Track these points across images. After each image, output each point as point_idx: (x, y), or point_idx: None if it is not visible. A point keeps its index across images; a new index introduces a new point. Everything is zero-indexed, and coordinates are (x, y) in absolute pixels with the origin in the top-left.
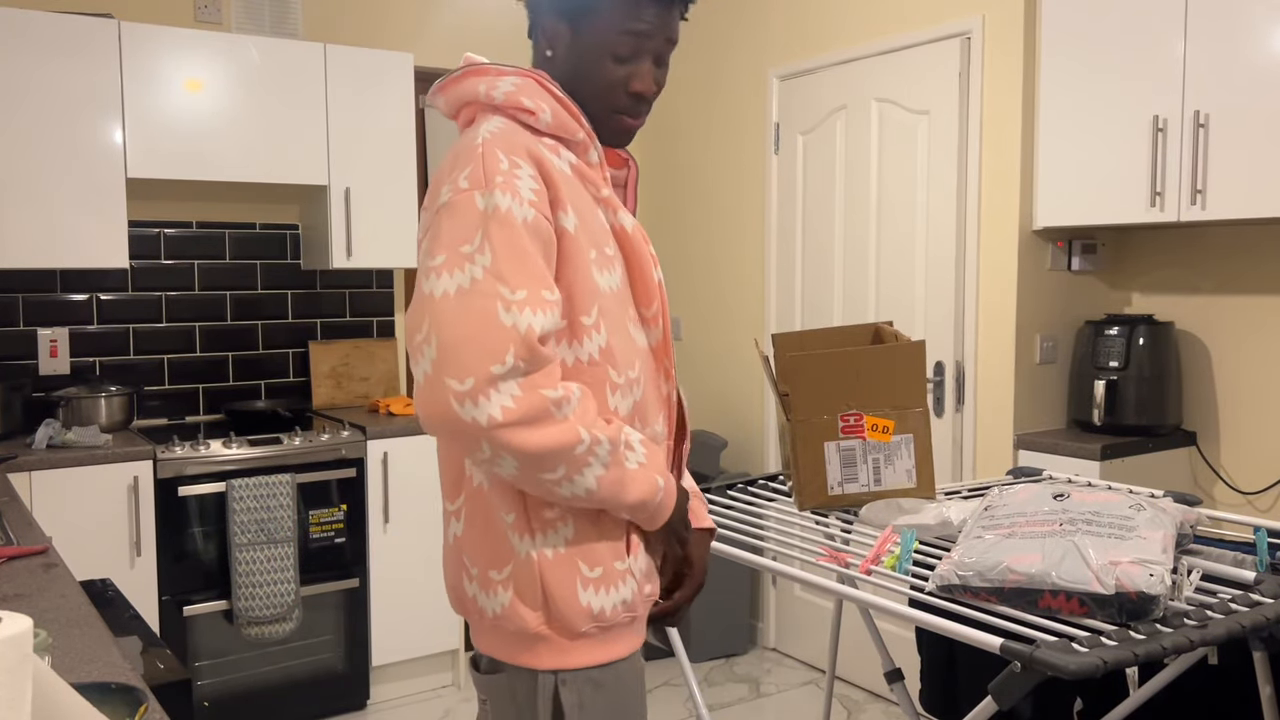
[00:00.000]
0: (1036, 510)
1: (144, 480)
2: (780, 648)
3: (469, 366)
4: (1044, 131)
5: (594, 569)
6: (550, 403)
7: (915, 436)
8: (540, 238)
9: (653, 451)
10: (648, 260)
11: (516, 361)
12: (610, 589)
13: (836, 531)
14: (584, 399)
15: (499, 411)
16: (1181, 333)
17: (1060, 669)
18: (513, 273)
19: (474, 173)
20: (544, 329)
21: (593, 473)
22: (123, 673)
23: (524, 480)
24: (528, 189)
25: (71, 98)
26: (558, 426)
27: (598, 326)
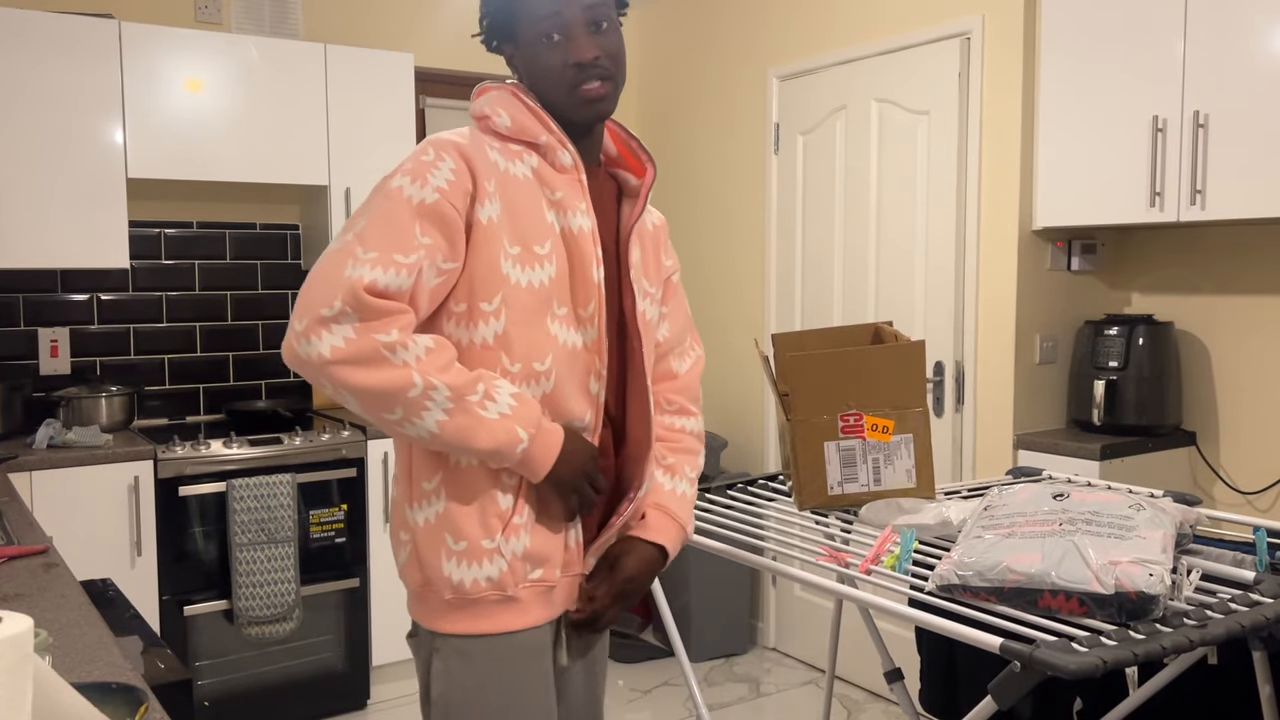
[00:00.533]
0: (1036, 510)
1: (144, 480)
2: (780, 648)
3: (306, 309)
4: (1044, 131)
5: (459, 543)
6: (382, 345)
7: (915, 436)
8: (435, 217)
9: (525, 405)
10: (590, 263)
11: (345, 307)
12: (473, 564)
13: (836, 531)
14: (436, 350)
15: (328, 350)
16: (1181, 333)
17: (1060, 669)
18: (374, 237)
19: (401, 164)
20: (383, 284)
21: (432, 417)
22: (123, 672)
23: (371, 418)
24: (441, 178)
25: (72, 98)
26: (390, 370)
27: (498, 314)
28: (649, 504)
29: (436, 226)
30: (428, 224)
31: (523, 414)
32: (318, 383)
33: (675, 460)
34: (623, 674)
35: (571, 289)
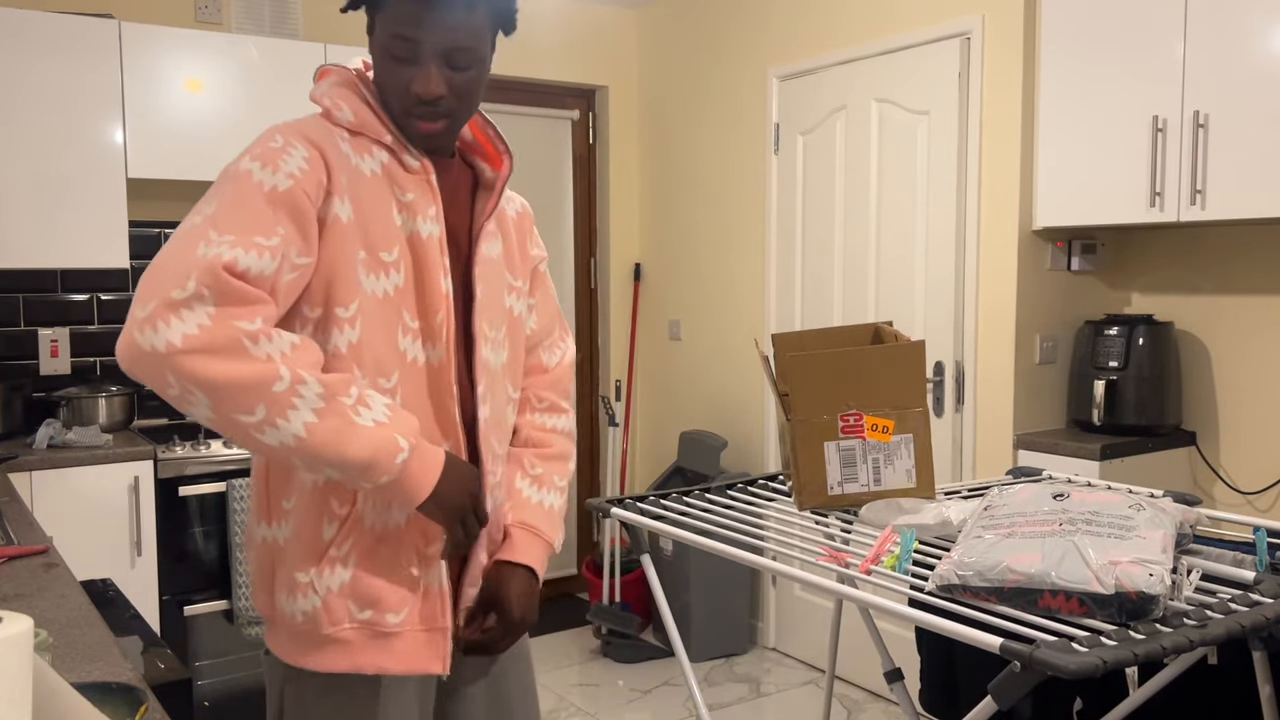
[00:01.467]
0: (1036, 510)
1: (144, 480)
2: (780, 648)
3: (151, 293)
4: (1044, 131)
5: (282, 570)
6: (243, 334)
7: (915, 436)
8: (288, 205)
9: (402, 416)
10: (438, 272)
11: (200, 288)
12: (291, 595)
13: (836, 531)
14: (303, 347)
15: (178, 337)
16: (1181, 333)
17: (1060, 669)
18: (227, 220)
19: (246, 150)
20: (245, 266)
21: (299, 417)
22: (123, 672)
23: (222, 423)
24: (294, 165)
25: (72, 98)
26: (251, 362)
27: (353, 322)
28: (514, 520)
29: (290, 216)
30: (281, 212)
31: (401, 424)
32: (160, 381)
33: (543, 470)
34: (623, 674)
35: (418, 299)
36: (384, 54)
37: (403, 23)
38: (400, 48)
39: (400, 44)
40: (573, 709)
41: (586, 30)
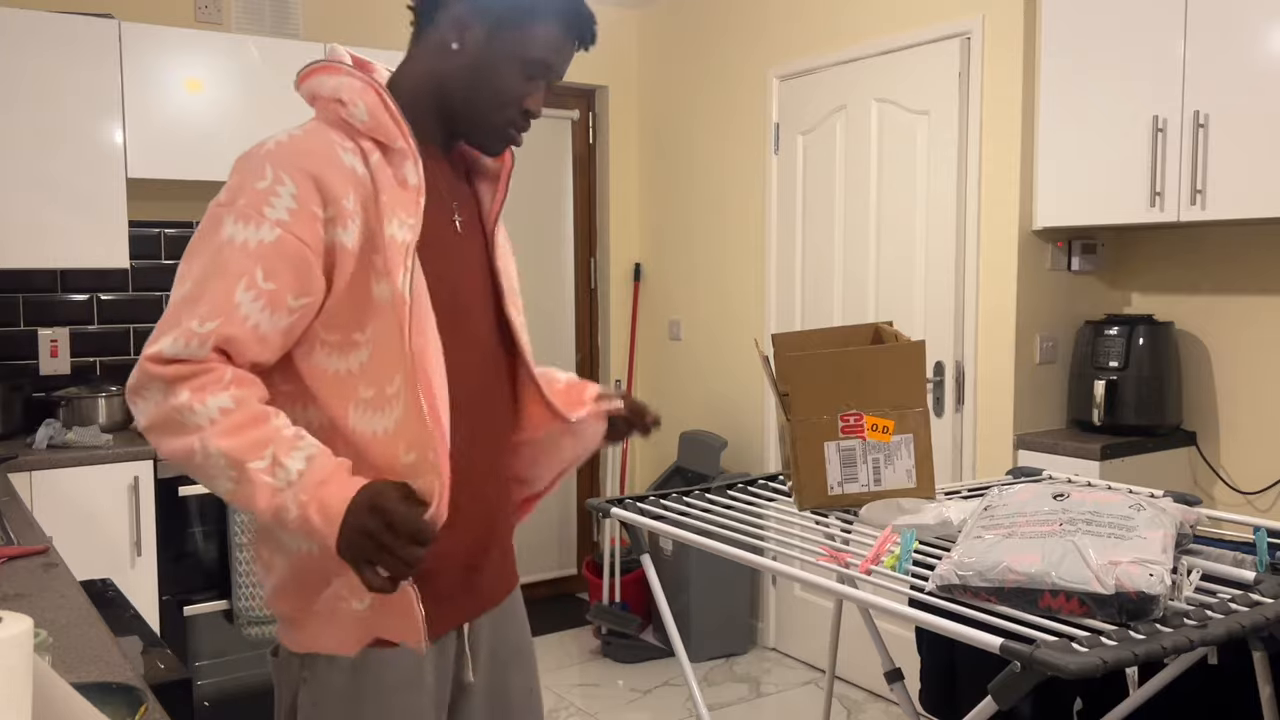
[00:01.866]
0: (1036, 510)
1: (144, 480)
2: (780, 648)
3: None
4: (1044, 131)
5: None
6: (173, 410)
7: (915, 436)
8: (276, 257)
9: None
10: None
11: (141, 379)
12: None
13: (836, 531)
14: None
15: (143, 418)
16: (1181, 333)
17: (1060, 669)
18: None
19: (231, 186)
20: (170, 353)
21: (220, 485)
22: (123, 672)
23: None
24: (281, 209)
25: (72, 98)
26: (181, 436)
27: (369, 342)
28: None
29: (281, 266)
30: (270, 265)
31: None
32: None
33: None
34: (623, 674)
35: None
36: (513, 65)
37: (548, 48)
38: (535, 68)
39: (536, 65)
40: (573, 709)
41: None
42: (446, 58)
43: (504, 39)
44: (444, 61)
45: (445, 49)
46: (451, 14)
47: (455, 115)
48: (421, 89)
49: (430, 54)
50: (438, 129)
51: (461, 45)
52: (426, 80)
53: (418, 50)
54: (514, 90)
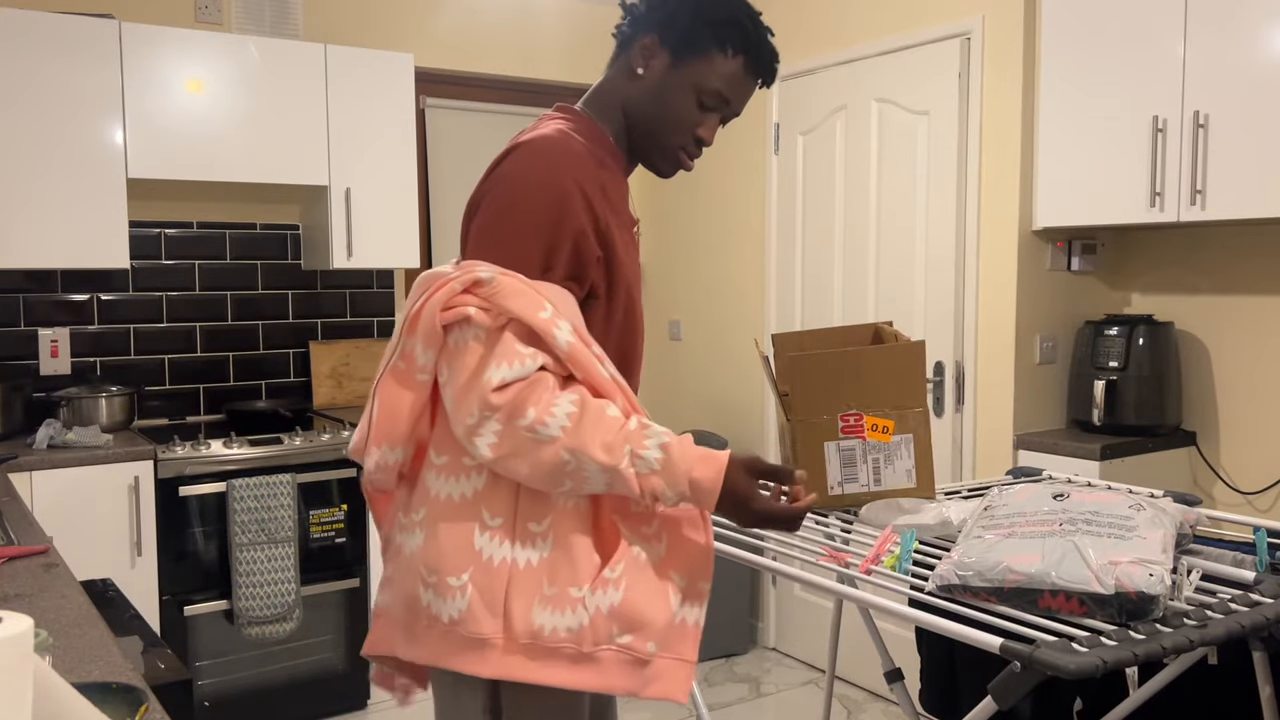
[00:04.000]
0: (1036, 510)
1: (145, 480)
2: (780, 648)
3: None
4: (1044, 131)
5: (551, 587)
6: (523, 430)
7: (915, 436)
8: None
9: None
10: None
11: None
12: (558, 610)
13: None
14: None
15: (488, 450)
16: (1181, 333)
17: (1060, 669)
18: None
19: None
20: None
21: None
22: (123, 672)
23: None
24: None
25: (72, 98)
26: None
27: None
28: None
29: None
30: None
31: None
32: None
33: None
34: None
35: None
36: (691, 94)
37: (732, 86)
38: (713, 100)
39: (716, 99)
40: None
41: (586, 30)
42: (633, 82)
43: (684, 68)
44: (630, 86)
45: (632, 74)
46: (642, 42)
47: (634, 136)
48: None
49: (618, 79)
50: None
51: (646, 71)
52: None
53: (609, 74)
54: (689, 118)
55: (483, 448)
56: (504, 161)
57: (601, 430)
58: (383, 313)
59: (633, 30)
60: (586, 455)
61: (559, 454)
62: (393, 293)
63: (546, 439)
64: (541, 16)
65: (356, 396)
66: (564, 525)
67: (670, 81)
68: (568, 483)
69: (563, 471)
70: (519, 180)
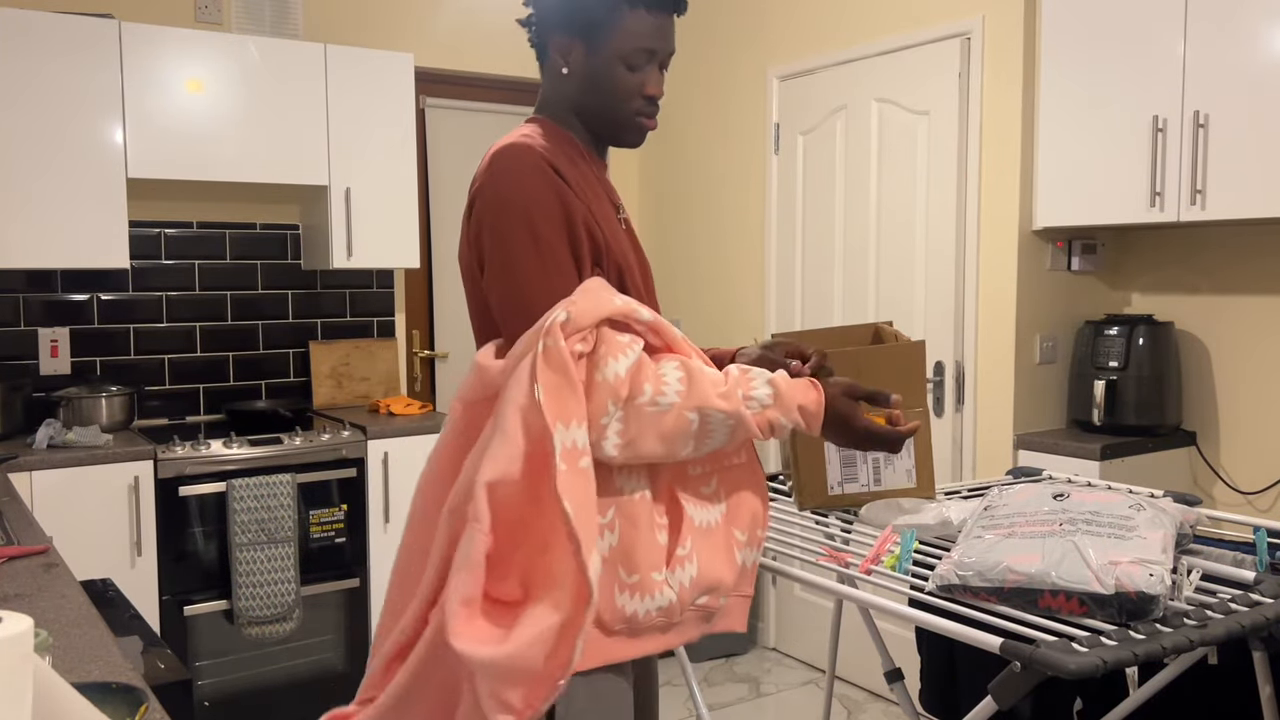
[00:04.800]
0: (1036, 510)
1: (144, 480)
2: (780, 648)
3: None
4: (1044, 131)
5: (631, 575)
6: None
7: (915, 436)
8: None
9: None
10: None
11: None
12: (647, 595)
13: (836, 531)
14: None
15: (616, 440)
16: (1181, 333)
17: (1060, 669)
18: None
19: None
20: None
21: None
22: (123, 672)
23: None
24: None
25: (72, 98)
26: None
27: None
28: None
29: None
30: None
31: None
32: None
33: None
34: None
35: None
36: (615, 67)
37: (650, 36)
38: (641, 58)
39: (643, 56)
40: None
41: None
42: (564, 83)
43: (601, 46)
44: (563, 86)
45: (560, 76)
46: (554, 44)
47: (591, 125)
48: (561, 114)
49: (552, 83)
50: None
51: (570, 67)
52: (561, 106)
53: (545, 82)
54: (628, 87)
55: (609, 446)
56: (483, 179)
57: (711, 384)
58: (382, 313)
59: (540, 38)
60: (710, 409)
61: (683, 416)
62: (392, 292)
63: (667, 407)
64: None
65: (356, 396)
66: (626, 517)
67: (595, 66)
68: (690, 444)
69: (688, 433)
70: (505, 203)
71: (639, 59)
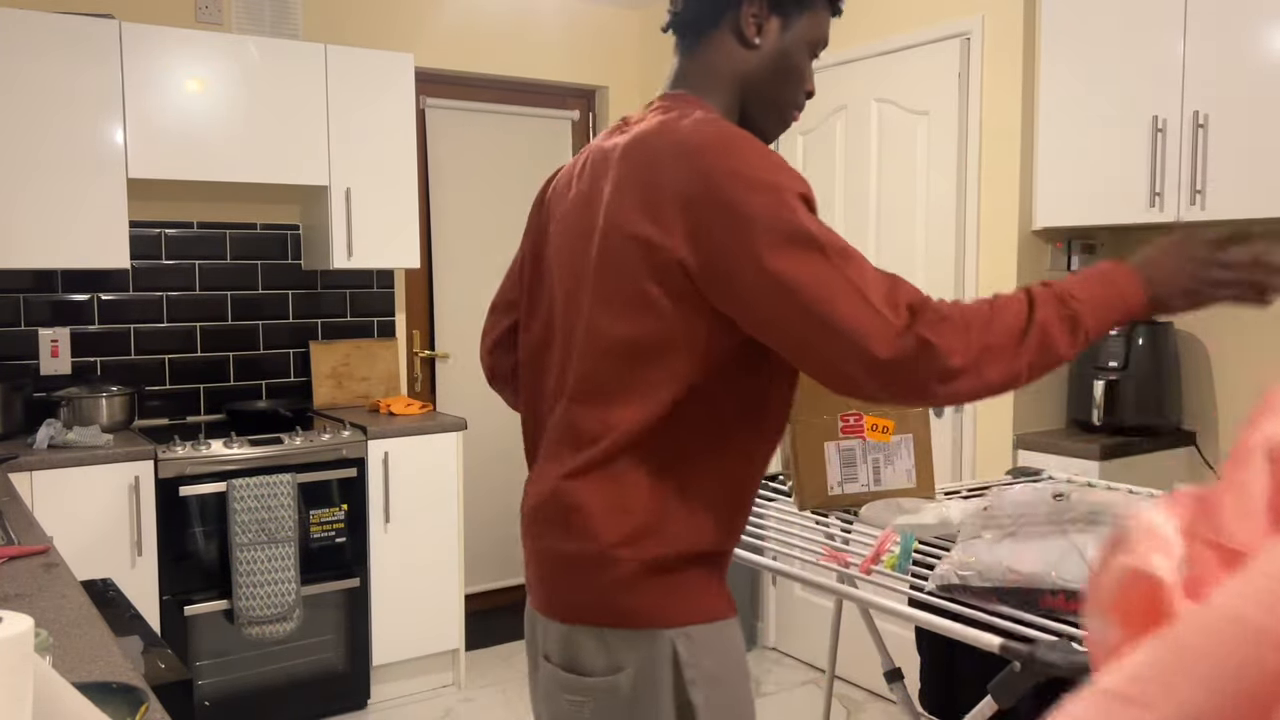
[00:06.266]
0: (1036, 510)
1: (145, 480)
2: (780, 647)
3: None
4: (1044, 131)
5: None
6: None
7: (915, 436)
8: None
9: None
10: None
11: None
12: None
13: (836, 531)
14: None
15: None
16: (1181, 333)
17: (1060, 669)
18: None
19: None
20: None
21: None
22: (124, 672)
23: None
24: None
25: (72, 98)
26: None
27: None
28: None
29: None
30: None
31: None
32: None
33: None
34: None
35: None
36: (804, 52)
37: (826, 29)
38: (819, 47)
39: (820, 46)
40: None
41: (586, 30)
42: (746, 57)
43: (795, 27)
44: (746, 59)
45: (744, 47)
46: (746, 12)
47: (752, 107)
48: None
49: (727, 53)
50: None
51: (763, 40)
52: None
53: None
54: (805, 74)
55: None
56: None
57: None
58: (382, 313)
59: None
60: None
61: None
62: (392, 292)
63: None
64: (541, 16)
65: (356, 396)
66: None
67: (787, 45)
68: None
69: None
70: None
71: (817, 50)
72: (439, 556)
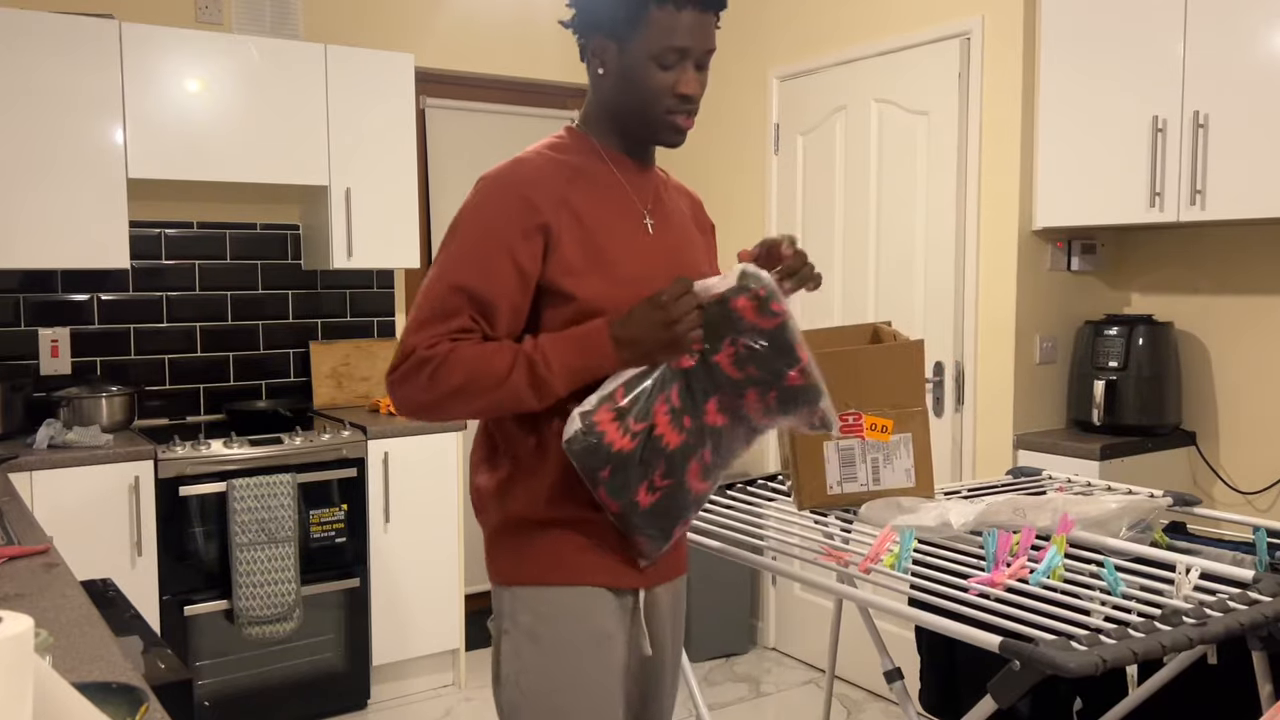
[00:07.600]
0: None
1: (145, 480)
2: (780, 647)
3: None
4: (1044, 131)
5: None
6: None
7: (914, 436)
8: None
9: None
10: None
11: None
12: None
13: (836, 531)
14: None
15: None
16: (1181, 333)
17: (1059, 667)
18: None
19: None
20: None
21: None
22: (124, 672)
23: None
24: None
25: (72, 98)
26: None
27: None
28: None
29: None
30: None
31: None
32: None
33: None
34: None
35: None
36: (647, 66)
37: (680, 33)
38: (673, 57)
39: (675, 54)
40: None
41: None
42: (601, 84)
43: (632, 46)
44: (600, 88)
45: (597, 78)
46: (590, 47)
47: (628, 127)
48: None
49: (591, 85)
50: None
51: (605, 67)
52: (597, 109)
53: (589, 87)
54: (660, 85)
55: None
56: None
57: None
58: (383, 313)
59: (582, 40)
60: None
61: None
62: (392, 292)
63: None
64: (541, 16)
65: (357, 396)
66: None
67: (627, 64)
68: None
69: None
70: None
71: (670, 57)
72: (439, 556)
